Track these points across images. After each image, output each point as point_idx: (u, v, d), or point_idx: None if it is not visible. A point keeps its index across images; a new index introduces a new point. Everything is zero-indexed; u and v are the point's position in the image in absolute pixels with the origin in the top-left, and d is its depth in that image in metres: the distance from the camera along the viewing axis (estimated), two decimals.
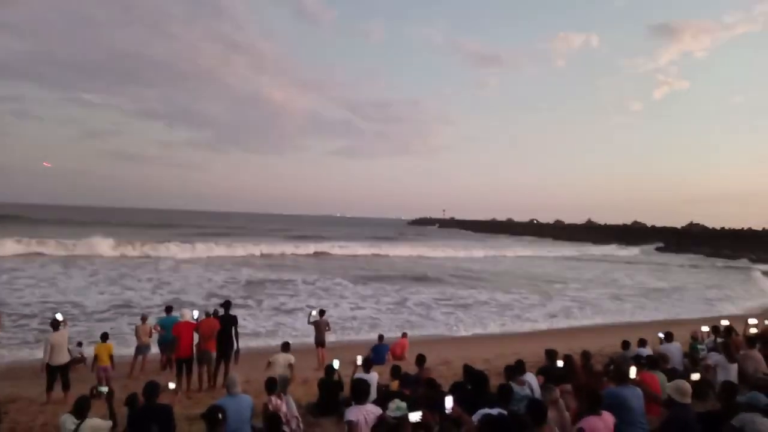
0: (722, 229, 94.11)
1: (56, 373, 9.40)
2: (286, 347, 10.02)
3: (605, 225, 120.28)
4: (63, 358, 9.53)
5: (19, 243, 36.60)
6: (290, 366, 9.58)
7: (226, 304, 11.05)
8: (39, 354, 10.77)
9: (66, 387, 9.43)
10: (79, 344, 12.88)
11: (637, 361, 7.11)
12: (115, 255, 37.50)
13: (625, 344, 9.93)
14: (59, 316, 9.97)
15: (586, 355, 8.24)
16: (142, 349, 11.96)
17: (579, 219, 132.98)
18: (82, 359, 12.24)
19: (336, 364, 8.03)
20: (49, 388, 9.35)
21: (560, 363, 7.58)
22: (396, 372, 8.47)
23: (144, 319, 12.55)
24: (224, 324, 10.47)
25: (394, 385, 7.57)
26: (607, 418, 4.89)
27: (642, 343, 9.94)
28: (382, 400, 5.94)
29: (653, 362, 7.40)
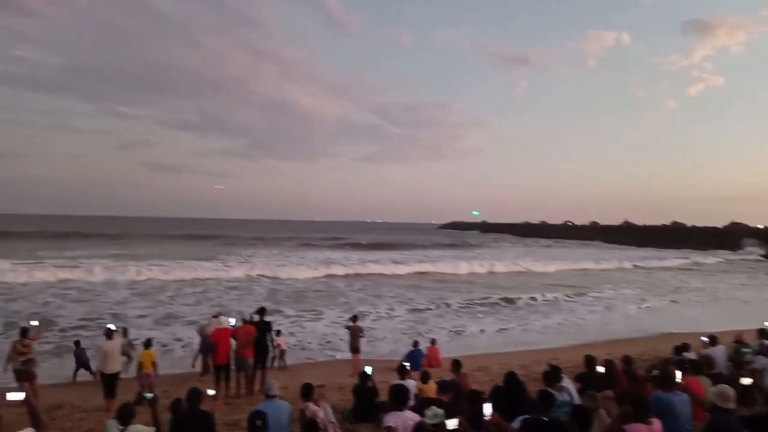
0: None
1: (110, 381, 9.64)
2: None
3: (643, 226, 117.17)
4: (115, 366, 9.78)
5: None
6: None
7: (261, 311, 11.18)
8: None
9: (112, 396, 9.63)
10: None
11: (681, 365, 6.89)
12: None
13: (677, 349, 9.58)
14: (112, 326, 10.25)
15: (627, 361, 8.00)
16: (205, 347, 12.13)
17: (614, 220, 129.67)
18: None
19: (369, 370, 8.05)
20: (107, 395, 9.61)
21: (601, 369, 7.40)
22: (425, 377, 8.45)
23: (216, 316, 12.64)
24: (260, 331, 10.59)
25: (431, 391, 7.52)
26: (656, 426, 4.71)
27: (685, 347, 9.64)
28: (419, 407, 5.91)
29: (698, 367, 7.16)
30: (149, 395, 6.03)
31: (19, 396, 5.02)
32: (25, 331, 10.01)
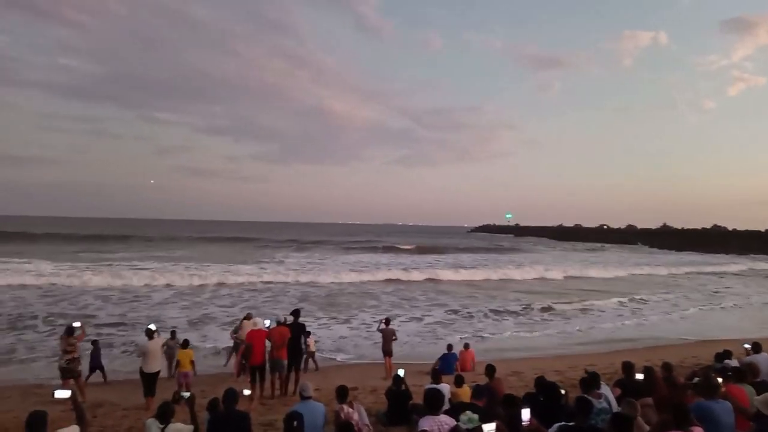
0: None
1: (150, 380, 9.87)
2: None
3: (683, 229, 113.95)
4: (156, 366, 10.00)
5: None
6: None
7: (295, 313, 11.31)
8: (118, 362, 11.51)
9: (152, 395, 9.82)
10: None
11: (724, 373, 6.69)
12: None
13: (719, 356, 9.30)
14: (152, 327, 10.54)
15: (667, 367, 7.78)
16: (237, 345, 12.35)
17: (651, 223, 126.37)
18: None
19: (401, 373, 8.07)
20: (146, 393, 9.83)
21: (640, 376, 7.23)
22: (459, 381, 8.41)
23: (248, 317, 12.85)
24: (294, 332, 10.72)
25: (465, 395, 7.50)
26: None
27: (727, 354, 9.34)
28: (454, 412, 5.90)
29: (740, 374, 6.94)
30: (186, 394, 6.16)
31: (66, 393, 5.17)
32: (71, 330, 10.34)
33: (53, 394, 5.26)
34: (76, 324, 10.62)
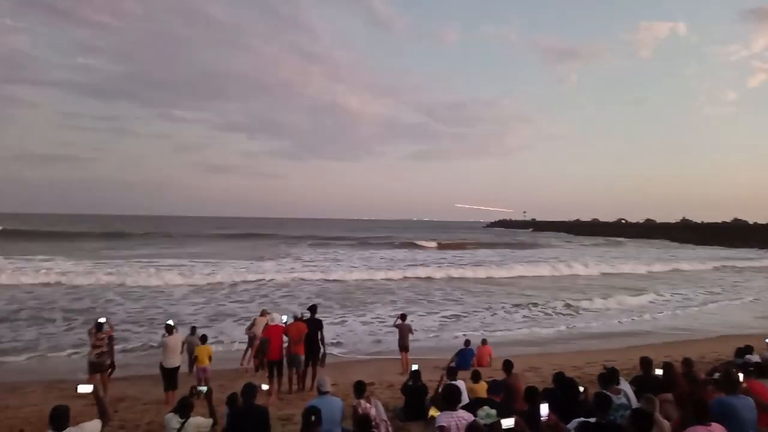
0: None
1: (170, 374, 10.05)
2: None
3: (703, 223, 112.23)
4: (175, 361, 10.17)
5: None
6: None
7: (312, 308, 11.38)
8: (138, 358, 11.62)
9: (173, 388, 10.00)
10: None
11: (745, 368, 6.60)
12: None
13: (740, 351, 9.17)
14: (171, 322, 10.70)
15: (687, 363, 7.68)
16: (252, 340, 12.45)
17: (670, 217, 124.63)
18: None
19: (415, 368, 8.09)
20: (167, 388, 10.01)
21: (659, 371, 7.17)
22: (476, 377, 8.40)
23: (263, 314, 12.96)
24: (311, 328, 10.79)
25: (482, 390, 7.49)
26: (716, 430, 4.55)
27: (748, 349, 9.21)
28: (471, 407, 5.90)
29: (762, 370, 6.84)
30: (203, 388, 6.25)
31: (89, 388, 5.30)
32: (100, 325, 10.54)
33: (77, 389, 5.39)
34: (102, 320, 10.82)
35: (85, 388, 5.30)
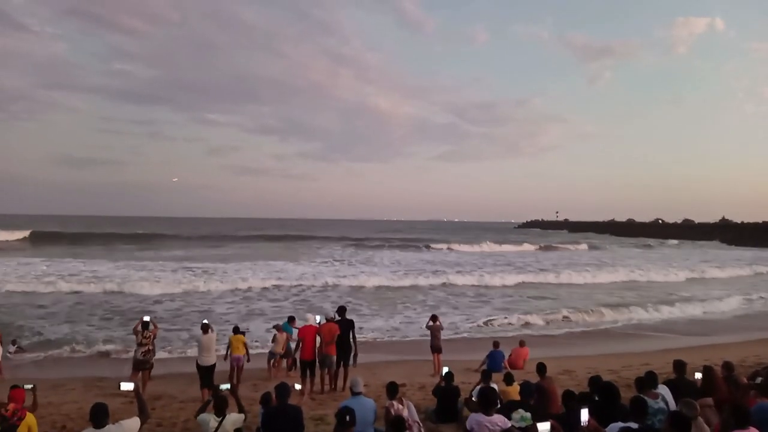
0: None
1: (206, 372, 10.27)
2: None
3: (742, 223, 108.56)
4: (210, 359, 10.40)
5: None
6: None
7: (341, 310, 11.44)
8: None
9: (209, 386, 10.14)
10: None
11: None
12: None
13: None
14: (206, 321, 10.93)
15: (728, 366, 7.43)
16: (274, 354, 12.49)
17: (707, 217, 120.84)
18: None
19: (446, 370, 8.07)
20: (203, 386, 10.21)
21: (698, 375, 6.96)
22: (509, 379, 8.31)
23: (278, 328, 12.93)
24: (343, 328, 10.86)
25: (515, 393, 7.41)
26: None
27: None
28: (505, 410, 5.85)
29: None
30: (225, 386, 6.39)
31: (130, 386, 5.46)
32: (146, 324, 10.83)
33: (119, 386, 5.55)
34: (147, 318, 11.12)
35: (127, 386, 5.46)
